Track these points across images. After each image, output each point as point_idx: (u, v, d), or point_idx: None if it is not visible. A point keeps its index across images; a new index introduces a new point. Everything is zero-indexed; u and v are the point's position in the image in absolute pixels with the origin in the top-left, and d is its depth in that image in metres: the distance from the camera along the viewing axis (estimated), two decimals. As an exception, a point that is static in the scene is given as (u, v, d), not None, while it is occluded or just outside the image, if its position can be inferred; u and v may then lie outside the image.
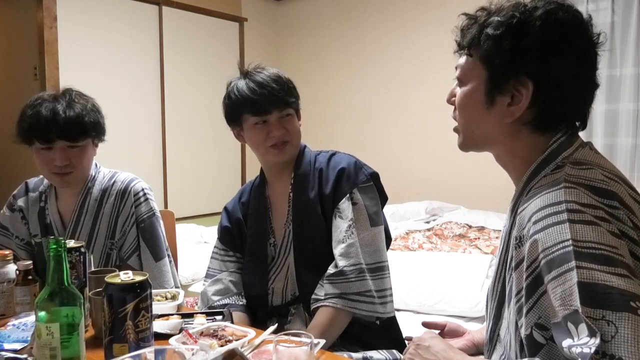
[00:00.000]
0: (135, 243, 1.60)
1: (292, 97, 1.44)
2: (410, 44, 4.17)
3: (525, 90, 0.87)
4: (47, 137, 1.48)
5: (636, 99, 3.28)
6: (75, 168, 1.55)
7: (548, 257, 0.75)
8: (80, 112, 1.50)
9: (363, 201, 1.40)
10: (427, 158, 4.14)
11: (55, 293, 0.93)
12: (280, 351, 0.86)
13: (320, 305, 1.33)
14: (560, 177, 0.82)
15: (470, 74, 0.93)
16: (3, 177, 3.68)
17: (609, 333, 0.66)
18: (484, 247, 2.96)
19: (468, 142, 1.00)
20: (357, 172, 1.43)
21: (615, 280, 0.69)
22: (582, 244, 0.72)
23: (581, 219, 0.74)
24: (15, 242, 1.65)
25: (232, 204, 1.59)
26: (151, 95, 4.09)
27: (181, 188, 4.25)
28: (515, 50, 0.86)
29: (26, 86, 3.54)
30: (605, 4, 3.31)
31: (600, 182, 0.80)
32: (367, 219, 1.39)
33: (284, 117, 1.42)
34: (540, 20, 0.86)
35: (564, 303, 0.72)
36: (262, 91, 1.39)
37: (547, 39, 0.85)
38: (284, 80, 1.43)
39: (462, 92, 0.96)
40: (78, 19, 3.61)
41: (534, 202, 0.82)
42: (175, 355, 0.87)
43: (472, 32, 0.91)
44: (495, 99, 0.90)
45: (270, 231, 1.50)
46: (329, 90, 4.74)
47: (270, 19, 5.04)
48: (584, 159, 0.86)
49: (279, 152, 1.44)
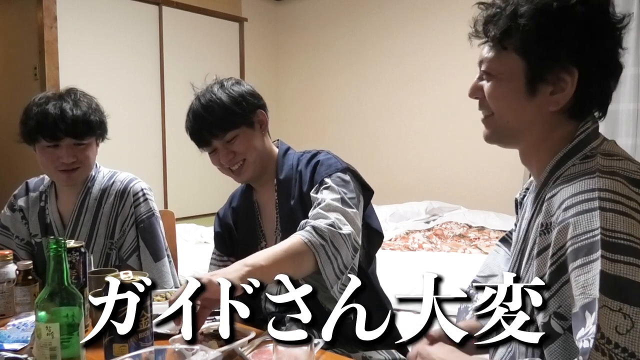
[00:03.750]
0: (135, 243, 1.60)
1: (231, 119, 1.36)
2: (410, 44, 4.17)
3: (570, 78, 0.85)
4: (55, 135, 1.49)
5: (636, 99, 3.28)
6: (83, 164, 1.56)
7: (575, 245, 0.74)
8: (87, 111, 1.53)
9: (337, 187, 1.31)
10: (427, 158, 4.14)
11: (55, 293, 0.93)
12: (280, 351, 0.87)
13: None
14: (594, 166, 0.81)
15: (504, 66, 0.89)
16: (3, 177, 3.68)
17: (624, 326, 0.66)
18: (484, 247, 2.96)
19: (499, 134, 0.95)
20: (330, 163, 1.38)
21: (639, 274, 0.69)
22: (610, 234, 0.72)
23: (613, 208, 0.73)
24: (16, 242, 1.65)
25: (223, 209, 1.59)
26: (151, 95, 4.08)
27: (181, 188, 4.25)
28: (560, 38, 0.84)
29: (26, 86, 3.54)
30: (605, 4, 3.31)
31: (635, 173, 0.79)
32: (340, 201, 1.29)
33: (229, 142, 1.37)
34: (581, 5, 0.83)
35: (585, 292, 0.71)
36: (195, 124, 1.39)
37: (589, 24, 0.84)
38: (220, 104, 1.36)
39: (496, 84, 0.91)
40: (78, 19, 3.61)
41: (566, 189, 0.81)
42: (175, 355, 0.87)
43: (500, 24, 0.88)
44: (537, 89, 0.87)
45: (262, 236, 1.48)
46: (329, 90, 4.74)
47: (270, 19, 5.04)
48: (614, 151, 0.85)
49: (238, 176, 1.42)
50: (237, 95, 1.39)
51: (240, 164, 1.40)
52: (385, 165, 4.37)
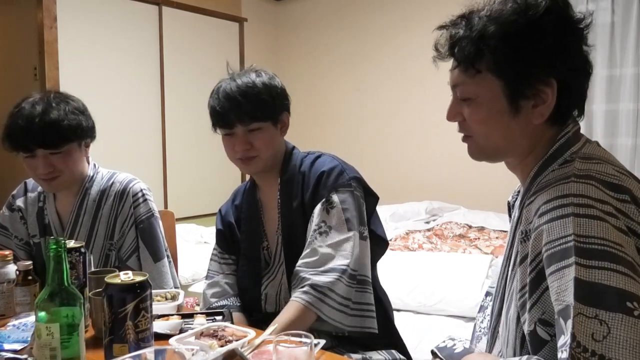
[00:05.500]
0: (134, 244, 1.60)
1: (262, 110, 1.35)
2: (410, 44, 4.17)
3: (550, 89, 0.85)
4: (26, 146, 1.46)
5: (636, 99, 3.28)
6: (62, 173, 1.51)
7: (549, 251, 0.74)
8: (57, 118, 1.45)
9: (340, 205, 1.33)
10: (427, 158, 4.14)
11: (55, 293, 0.93)
12: (281, 351, 0.86)
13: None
14: (570, 171, 0.81)
15: (480, 88, 0.89)
16: (3, 177, 3.68)
17: (600, 333, 0.66)
18: (484, 247, 2.96)
19: (486, 153, 0.95)
20: (337, 176, 1.36)
21: (614, 279, 0.68)
22: (584, 239, 0.71)
23: (587, 213, 0.73)
24: (15, 242, 1.65)
25: (225, 206, 1.58)
26: (151, 95, 4.09)
27: (181, 188, 4.25)
28: (532, 53, 0.84)
29: (26, 86, 3.53)
30: (605, 4, 3.31)
31: (612, 176, 0.79)
32: (344, 223, 1.32)
33: (251, 132, 1.36)
34: (547, 17, 0.84)
35: (559, 298, 0.71)
36: (227, 104, 1.33)
37: (558, 32, 0.84)
38: (257, 91, 1.34)
39: (477, 108, 0.90)
40: (78, 19, 3.61)
41: (542, 196, 0.81)
42: (175, 355, 0.87)
43: (470, 48, 0.87)
44: (520, 105, 0.87)
45: (264, 235, 1.48)
46: (329, 90, 4.74)
47: (270, 19, 5.04)
48: (593, 154, 0.85)
49: (246, 165, 1.41)
50: (271, 86, 1.38)
51: (253, 156, 1.39)
52: (385, 165, 4.37)
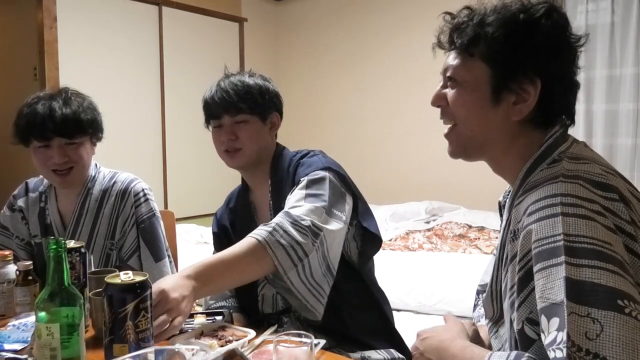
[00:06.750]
0: (135, 244, 1.60)
1: (249, 103, 1.39)
2: (410, 44, 4.17)
3: (533, 88, 0.87)
4: (44, 134, 1.49)
5: (636, 99, 3.28)
6: (76, 164, 1.55)
7: (538, 249, 0.75)
8: (77, 109, 1.52)
9: (307, 185, 1.31)
10: (427, 158, 4.14)
11: (56, 293, 0.93)
12: (281, 351, 0.87)
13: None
14: (558, 171, 0.82)
15: (469, 73, 0.91)
16: (3, 177, 3.68)
17: (593, 331, 0.66)
18: (484, 247, 2.96)
19: (463, 146, 0.97)
20: (311, 163, 1.38)
21: (604, 277, 0.68)
22: (573, 239, 0.72)
23: (575, 213, 0.74)
24: (16, 242, 1.65)
25: (220, 210, 1.59)
26: (151, 95, 4.09)
27: (181, 188, 4.25)
28: (526, 48, 0.86)
29: (26, 86, 3.54)
30: (605, 4, 3.31)
31: (599, 175, 0.80)
32: (317, 196, 1.28)
33: (237, 123, 1.39)
34: (546, 20, 0.86)
35: (542, 296, 0.71)
36: (217, 95, 1.40)
37: (553, 38, 0.87)
38: (247, 86, 1.40)
39: (460, 91, 0.93)
40: (78, 19, 3.61)
41: (530, 196, 0.82)
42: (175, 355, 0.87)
43: (468, 32, 0.90)
44: (501, 97, 0.89)
45: None
46: (329, 90, 4.74)
47: (270, 19, 5.04)
48: (580, 154, 0.86)
49: (230, 158, 1.42)
50: (263, 86, 1.44)
51: (237, 148, 1.41)
52: (385, 165, 4.37)
